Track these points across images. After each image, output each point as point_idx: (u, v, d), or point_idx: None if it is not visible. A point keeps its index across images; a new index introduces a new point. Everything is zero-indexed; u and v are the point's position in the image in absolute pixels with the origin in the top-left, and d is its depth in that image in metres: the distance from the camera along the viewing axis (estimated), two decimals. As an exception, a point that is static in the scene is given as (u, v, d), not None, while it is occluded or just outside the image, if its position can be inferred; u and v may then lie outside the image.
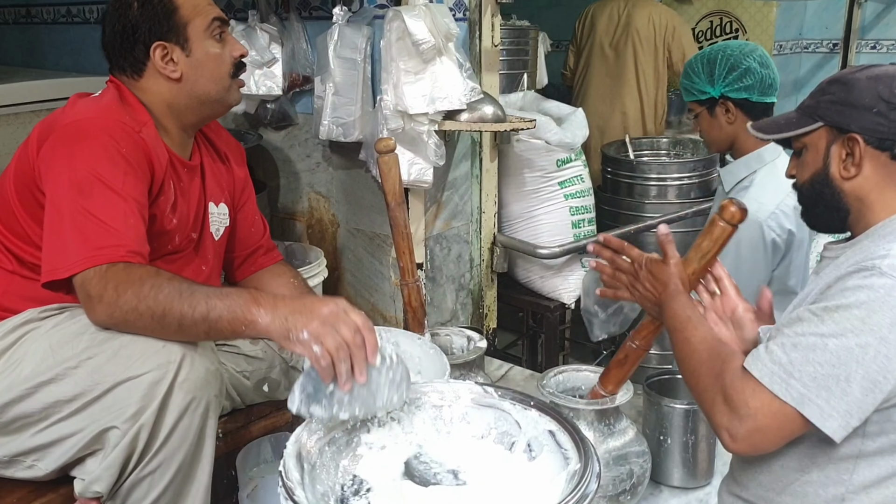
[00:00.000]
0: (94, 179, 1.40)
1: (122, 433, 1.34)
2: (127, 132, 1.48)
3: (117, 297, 1.33)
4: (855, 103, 1.28)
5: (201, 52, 1.59)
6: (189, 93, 1.60)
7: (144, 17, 1.56)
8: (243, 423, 1.75)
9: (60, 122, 1.48)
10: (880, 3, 4.26)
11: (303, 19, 2.44)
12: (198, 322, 1.32)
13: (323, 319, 1.26)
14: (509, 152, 2.66)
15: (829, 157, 1.32)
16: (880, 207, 1.30)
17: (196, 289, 1.35)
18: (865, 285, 1.16)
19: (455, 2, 2.32)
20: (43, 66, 3.58)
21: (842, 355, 1.13)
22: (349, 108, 2.31)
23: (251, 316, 1.30)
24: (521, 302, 2.93)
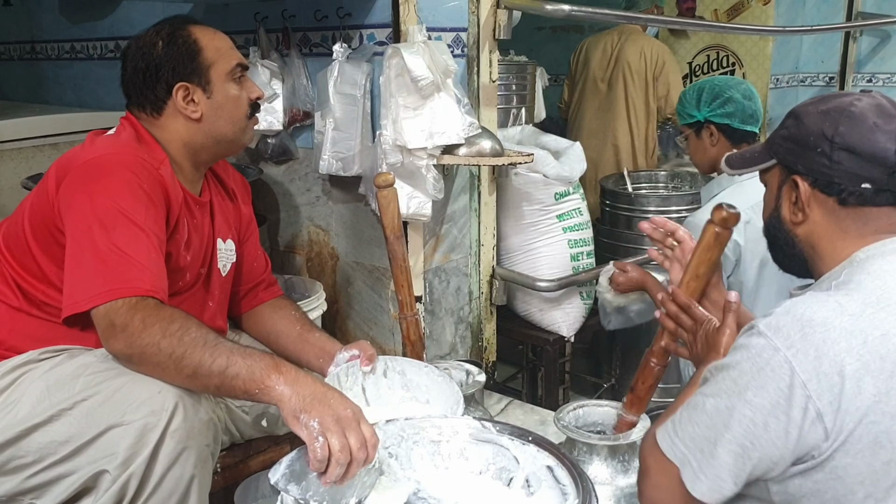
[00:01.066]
0: (118, 213, 1.41)
1: (112, 479, 1.33)
2: (147, 168, 1.50)
3: (143, 329, 1.33)
4: (802, 141, 1.19)
5: (222, 95, 1.63)
6: (207, 133, 1.63)
7: (169, 57, 1.59)
8: (242, 458, 1.74)
9: (80, 160, 1.49)
10: (875, 37, 4.31)
11: (303, 56, 2.47)
12: (213, 374, 1.32)
13: (337, 418, 1.26)
14: (508, 186, 2.68)
15: (781, 198, 1.24)
16: (829, 257, 1.21)
17: (221, 342, 1.35)
18: (743, 345, 1.10)
19: (453, 38, 2.36)
20: (46, 102, 3.62)
21: (714, 417, 1.09)
22: (349, 142, 2.33)
23: (269, 381, 1.30)
24: (520, 335, 2.93)
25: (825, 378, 1.03)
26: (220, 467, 1.68)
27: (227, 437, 1.72)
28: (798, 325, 1.06)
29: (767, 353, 1.06)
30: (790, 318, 1.07)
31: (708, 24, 4.08)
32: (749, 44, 4.26)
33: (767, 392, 1.05)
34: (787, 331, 1.06)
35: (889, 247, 1.16)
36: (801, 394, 1.04)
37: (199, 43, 1.61)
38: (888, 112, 1.17)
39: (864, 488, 1.07)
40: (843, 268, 1.18)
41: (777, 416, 1.05)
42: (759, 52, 4.24)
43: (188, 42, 1.60)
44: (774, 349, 1.05)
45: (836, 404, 1.04)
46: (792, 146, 1.21)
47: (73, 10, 3.36)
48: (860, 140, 1.14)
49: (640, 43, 3.75)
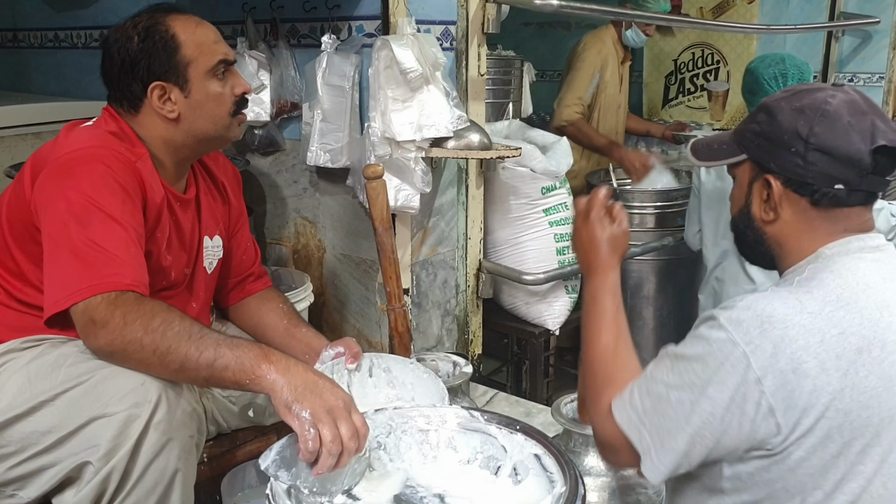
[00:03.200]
0: (93, 208, 1.37)
1: (95, 470, 1.32)
2: (122, 161, 1.46)
3: (124, 326, 1.30)
4: (774, 139, 1.17)
5: (201, 94, 1.54)
6: (186, 132, 1.57)
7: (144, 53, 1.51)
8: (228, 448, 1.74)
9: (54, 154, 1.45)
10: (857, 37, 4.35)
11: (291, 47, 2.46)
12: (201, 367, 1.29)
13: (329, 408, 1.25)
14: (495, 179, 2.69)
15: (752, 195, 1.22)
16: (794, 254, 1.21)
17: (206, 333, 1.32)
18: (705, 337, 1.11)
19: (442, 31, 2.36)
20: (28, 91, 3.58)
21: (677, 409, 1.11)
22: (337, 134, 2.33)
23: (259, 371, 1.28)
24: (506, 328, 2.94)
25: (780, 375, 1.05)
26: (207, 458, 1.68)
27: (213, 428, 1.72)
28: (758, 320, 1.07)
29: (727, 348, 1.07)
30: (751, 313, 1.08)
31: (693, 20, 4.11)
32: (734, 42, 4.28)
33: (726, 387, 1.07)
34: (746, 326, 1.07)
35: (854, 244, 1.17)
36: (755, 389, 1.06)
37: (178, 38, 1.52)
38: (861, 109, 1.15)
39: (814, 481, 1.09)
40: (807, 263, 1.18)
41: (733, 410, 1.07)
42: (744, 51, 4.26)
43: (165, 37, 1.51)
44: (734, 343, 1.07)
45: (789, 400, 1.06)
46: (764, 143, 1.18)
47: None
48: (835, 141, 1.13)
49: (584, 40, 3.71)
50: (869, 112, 1.16)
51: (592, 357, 1.26)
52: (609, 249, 1.32)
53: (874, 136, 1.13)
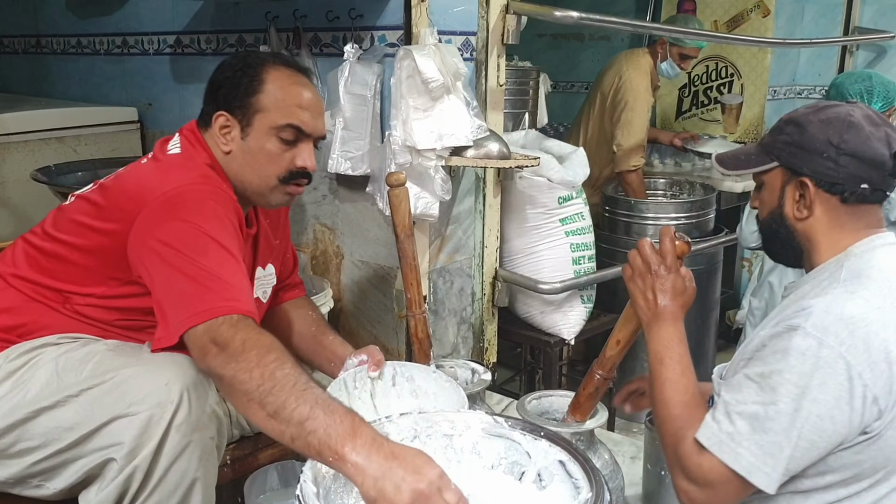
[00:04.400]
0: (207, 238, 1.37)
1: (119, 468, 1.35)
2: (227, 199, 1.49)
3: (241, 352, 1.25)
4: (807, 147, 1.32)
5: (256, 144, 1.55)
6: (233, 171, 1.58)
7: (230, 81, 1.55)
8: (251, 451, 1.76)
9: (158, 191, 1.44)
10: (871, 51, 4.36)
11: (314, 56, 2.49)
12: (293, 421, 1.19)
13: (413, 498, 1.12)
14: (512, 189, 2.71)
15: (784, 197, 1.37)
16: (825, 249, 1.35)
17: (310, 387, 1.23)
18: (793, 349, 1.20)
19: (463, 42, 2.38)
20: (50, 96, 3.63)
21: (783, 422, 1.19)
22: (358, 142, 2.35)
23: (342, 452, 1.16)
24: (520, 337, 2.95)
25: (876, 366, 1.19)
26: (230, 460, 1.70)
27: (237, 430, 1.74)
28: (843, 323, 1.20)
29: (823, 353, 1.18)
30: (833, 317, 1.20)
31: (708, 34, 4.13)
32: (748, 55, 4.30)
33: (829, 388, 1.18)
34: (834, 329, 1.19)
35: (877, 241, 1.33)
36: (859, 384, 1.18)
37: (264, 85, 1.54)
38: (875, 121, 1.33)
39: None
40: (839, 261, 1.33)
41: (841, 407, 1.18)
42: (758, 64, 4.28)
43: (254, 78, 1.54)
44: (829, 347, 1.18)
45: (888, 386, 1.20)
46: (796, 151, 1.34)
47: (79, 4, 3.37)
48: (861, 146, 1.30)
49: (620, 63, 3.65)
50: (882, 124, 1.34)
51: (674, 402, 1.35)
52: (680, 298, 1.44)
53: (890, 144, 1.32)
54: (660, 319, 1.42)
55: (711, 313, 3.59)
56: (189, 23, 2.89)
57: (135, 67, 3.21)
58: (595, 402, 1.66)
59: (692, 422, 1.29)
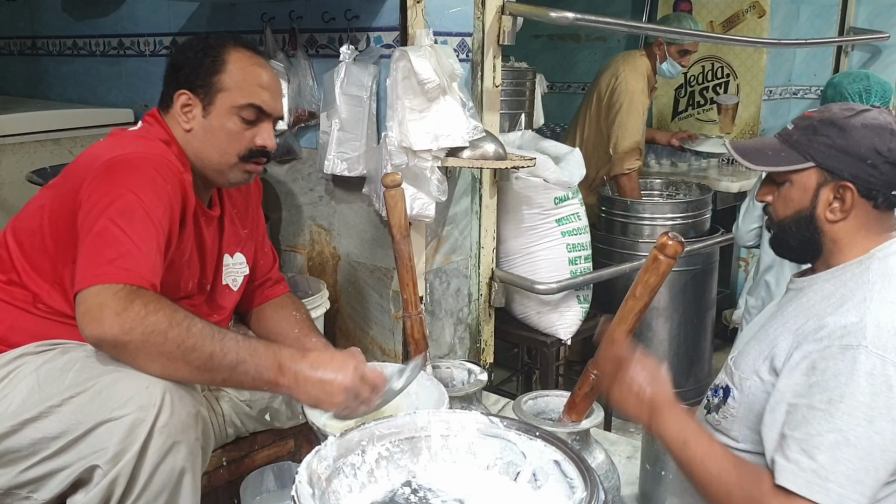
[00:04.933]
0: (138, 205, 1.41)
1: (103, 473, 1.34)
2: (172, 171, 1.51)
3: (145, 315, 1.30)
4: (851, 151, 1.32)
5: (218, 122, 1.59)
6: (193, 149, 1.61)
7: (191, 62, 1.59)
8: (246, 452, 1.76)
9: (106, 156, 1.48)
10: (866, 52, 4.38)
11: (310, 57, 2.49)
12: (223, 367, 1.35)
13: (344, 397, 1.42)
14: (508, 189, 2.71)
15: (818, 198, 1.36)
16: (847, 250, 1.36)
17: (226, 334, 1.37)
18: (859, 370, 1.19)
19: (459, 43, 2.39)
20: (47, 97, 3.63)
21: (865, 446, 1.17)
22: (354, 143, 2.36)
23: (275, 381, 1.40)
24: (517, 337, 2.95)
25: None
26: (226, 461, 1.71)
27: (231, 431, 1.74)
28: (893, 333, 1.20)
29: (890, 370, 1.19)
30: (887, 332, 1.21)
31: (704, 34, 4.13)
32: (744, 55, 4.31)
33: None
34: (893, 344, 1.20)
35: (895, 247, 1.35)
36: None
37: (227, 65, 1.58)
38: None
39: None
40: (862, 262, 1.33)
41: None
42: (754, 64, 4.29)
43: (216, 59, 1.58)
44: (893, 364, 1.19)
45: None
46: (838, 154, 1.33)
47: (75, 6, 3.37)
48: None
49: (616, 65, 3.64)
50: None
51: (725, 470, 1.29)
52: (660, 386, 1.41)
53: None
54: (659, 408, 1.39)
55: (708, 313, 3.60)
56: (185, 24, 2.89)
57: (131, 69, 3.21)
58: (591, 402, 1.66)
59: (756, 476, 1.26)
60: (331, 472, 1.27)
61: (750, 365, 1.39)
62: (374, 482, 1.31)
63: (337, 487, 1.26)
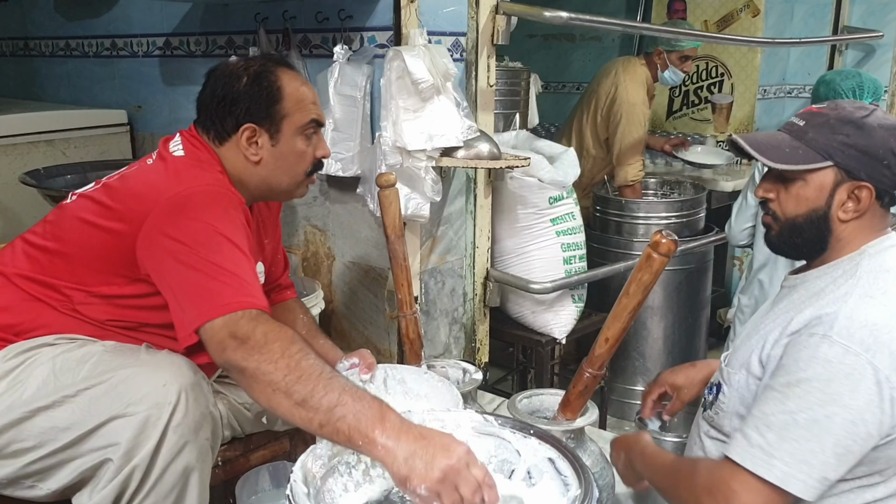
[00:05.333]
0: (220, 237, 1.39)
1: (116, 469, 1.35)
2: (238, 202, 1.52)
3: (264, 344, 1.27)
4: (871, 152, 1.31)
5: (287, 147, 1.61)
6: (262, 178, 1.62)
7: (248, 95, 1.57)
8: (242, 452, 1.76)
9: (172, 190, 1.46)
10: (860, 51, 4.39)
11: (303, 57, 2.49)
12: (320, 409, 1.23)
13: (444, 474, 1.17)
14: (503, 189, 2.72)
15: (833, 197, 1.34)
16: (846, 247, 1.36)
17: (335, 375, 1.28)
18: (820, 357, 1.21)
19: (453, 43, 2.39)
20: (39, 98, 3.62)
21: (812, 428, 1.19)
22: (348, 143, 2.35)
23: (373, 435, 1.20)
24: (512, 336, 2.96)
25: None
26: (221, 461, 1.70)
27: (228, 432, 1.74)
28: (867, 329, 1.21)
29: (850, 359, 1.20)
30: (857, 324, 1.22)
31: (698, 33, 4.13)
32: (738, 55, 4.32)
33: (860, 393, 1.19)
34: (860, 336, 1.21)
35: (886, 243, 1.36)
36: (887, 387, 1.19)
37: (283, 91, 1.59)
38: None
39: None
40: (853, 259, 1.34)
41: (872, 410, 1.19)
42: (748, 64, 4.30)
43: (272, 86, 1.58)
44: (855, 354, 1.20)
45: None
46: (857, 154, 1.31)
47: (68, 7, 3.36)
48: None
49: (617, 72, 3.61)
50: None
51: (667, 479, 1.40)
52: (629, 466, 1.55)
53: None
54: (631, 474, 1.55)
55: (702, 312, 3.61)
56: (178, 25, 2.89)
57: (124, 70, 3.21)
58: (585, 400, 1.67)
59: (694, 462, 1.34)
60: (326, 471, 1.27)
61: (740, 360, 1.40)
62: (368, 481, 1.31)
63: (332, 486, 1.27)
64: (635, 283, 1.52)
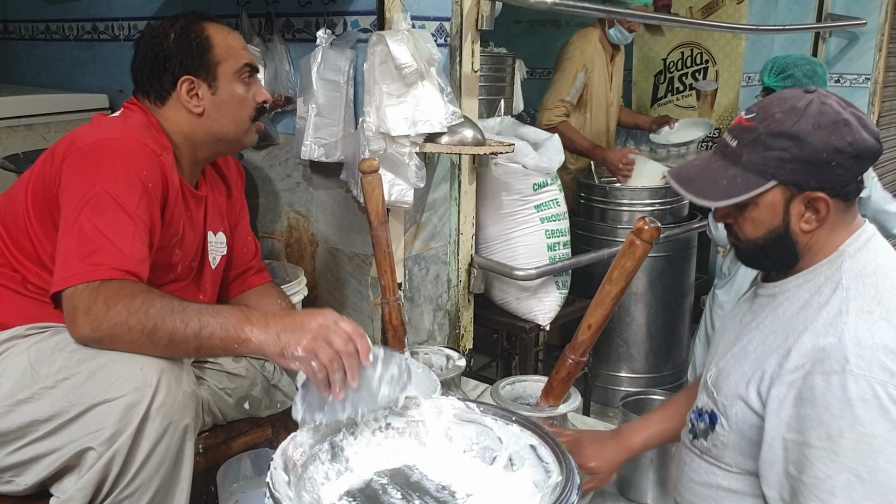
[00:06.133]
0: (109, 198, 1.41)
1: (98, 455, 1.33)
2: (148, 154, 1.51)
3: (106, 311, 1.32)
4: (812, 160, 1.22)
5: (227, 93, 1.64)
6: (208, 129, 1.64)
7: (178, 49, 1.61)
8: (224, 440, 1.75)
9: (85, 141, 1.49)
10: (844, 38, 4.41)
11: (286, 41, 2.47)
12: (189, 338, 1.33)
13: (314, 334, 1.30)
14: (487, 175, 2.71)
15: (789, 213, 1.26)
16: (819, 252, 1.29)
17: (187, 305, 1.36)
18: (851, 399, 1.13)
19: (437, 28, 2.37)
20: (19, 82, 3.56)
21: (880, 479, 1.11)
22: (331, 129, 2.34)
23: (244, 335, 1.33)
24: (496, 323, 2.96)
25: None
26: (203, 448, 1.69)
27: (209, 419, 1.73)
28: (882, 354, 1.14)
29: (881, 391, 1.12)
30: (868, 350, 1.14)
31: (683, 20, 4.14)
32: (722, 41, 4.32)
33: None
34: (879, 363, 1.13)
35: (863, 237, 1.29)
36: None
37: (211, 39, 1.62)
38: (850, 109, 1.26)
39: None
40: (833, 262, 1.27)
41: None
42: (732, 51, 4.30)
43: (200, 37, 1.62)
44: (882, 384, 1.12)
45: None
46: (800, 166, 1.23)
47: (48, -10, 3.32)
48: (861, 144, 1.23)
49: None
50: (848, 106, 1.26)
51: None
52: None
53: (868, 127, 1.24)
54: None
55: (686, 299, 3.63)
56: (160, 8, 2.85)
57: (105, 53, 3.17)
58: (568, 387, 1.68)
59: None
60: (307, 459, 1.27)
61: (733, 389, 1.32)
62: (349, 470, 1.31)
63: (313, 474, 1.26)
64: (618, 269, 1.53)
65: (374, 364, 1.33)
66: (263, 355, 1.34)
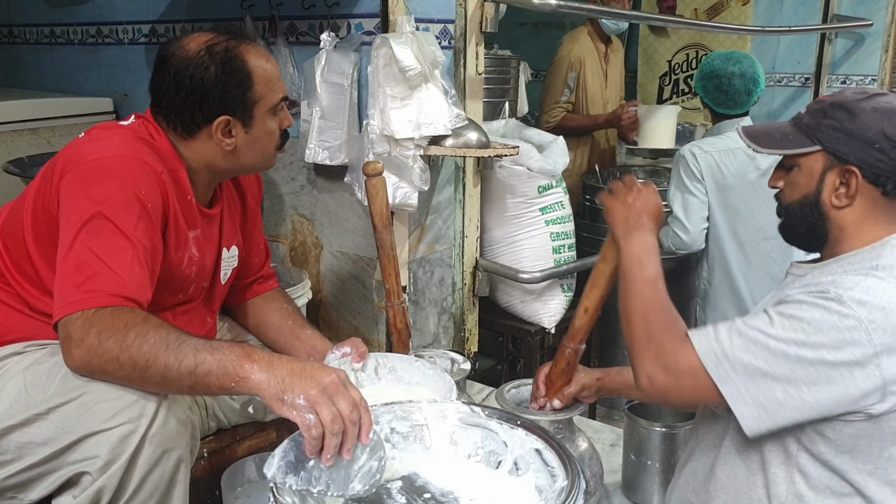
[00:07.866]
0: (106, 221, 1.35)
1: (91, 481, 1.31)
2: (147, 172, 1.43)
3: (98, 344, 1.27)
4: (858, 135, 1.28)
5: (260, 131, 1.57)
6: (234, 162, 1.59)
7: (219, 86, 1.50)
8: (228, 443, 1.75)
9: (85, 158, 1.43)
10: (850, 40, 4.38)
11: (290, 44, 2.47)
12: (183, 376, 1.26)
13: (322, 388, 1.22)
14: (492, 178, 2.70)
15: (823, 183, 1.32)
16: (855, 238, 1.32)
17: (184, 340, 1.29)
18: (822, 306, 1.20)
19: (441, 30, 2.37)
20: (24, 86, 3.57)
21: (778, 358, 1.19)
22: (335, 132, 2.33)
23: (243, 372, 1.25)
24: (501, 326, 2.95)
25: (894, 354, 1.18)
26: (207, 452, 1.69)
27: (214, 423, 1.73)
28: (880, 304, 1.19)
29: (849, 322, 1.17)
30: (872, 297, 1.19)
31: (688, 21, 4.13)
32: (728, 43, 4.30)
33: (841, 353, 1.17)
34: (870, 308, 1.18)
35: None
36: (874, 363, 1.18)
37: (252, 75, 1.52)
38: None
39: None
40: (874, 249, 1.29)
41: (843, 373, 1.18)
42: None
43: (242, 73, 1.51)
44: (857, 320, 1.17)
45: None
46: (845, 138, 1.29)
47: (53, -6, 3.32)
48: None
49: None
50: None
51: (654, 299, 1.34)
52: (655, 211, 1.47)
53: None
54: (639, 227, 1.43)
55: (691, 301, 3.60)
56: (164, 12, 2.85)
57: (109, 57, 3.17)
58: (568, 378, 1.66)
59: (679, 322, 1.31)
60: (311, 463, 1.26)
61: None
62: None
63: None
64: (612, 246, 1.50)
65: (363, 450, 1.24)
66: (259, 396, 1.26)
